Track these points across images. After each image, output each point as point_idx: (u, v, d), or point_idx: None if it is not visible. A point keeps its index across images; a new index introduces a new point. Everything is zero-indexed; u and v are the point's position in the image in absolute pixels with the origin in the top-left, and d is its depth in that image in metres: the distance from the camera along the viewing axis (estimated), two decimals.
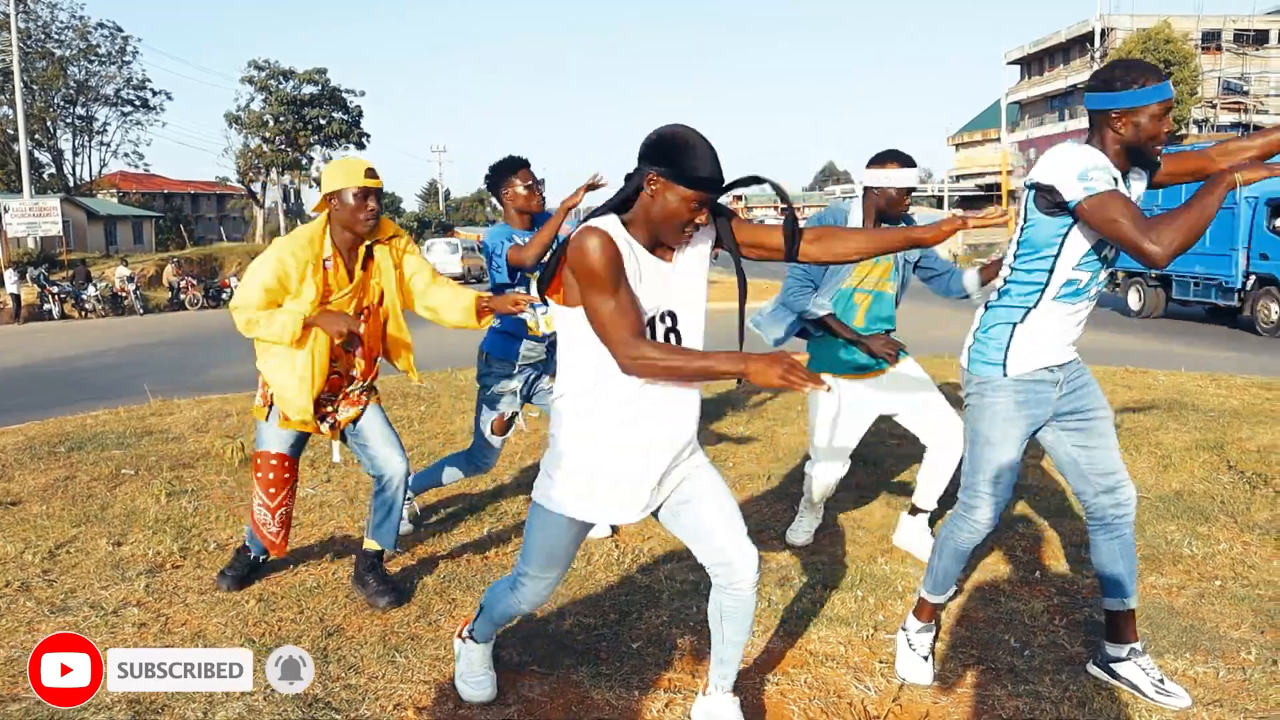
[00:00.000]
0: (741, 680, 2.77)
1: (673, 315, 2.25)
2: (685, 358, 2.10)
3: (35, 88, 38.03)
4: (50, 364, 12.85)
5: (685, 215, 2.14)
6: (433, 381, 8.16)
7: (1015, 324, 2.58)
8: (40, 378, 11.32)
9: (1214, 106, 40.17)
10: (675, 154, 2.11)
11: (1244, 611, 3.17)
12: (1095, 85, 2.46)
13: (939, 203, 54.84)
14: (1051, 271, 2.51)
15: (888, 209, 3.52)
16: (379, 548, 3.43)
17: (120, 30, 44.21)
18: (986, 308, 2.66)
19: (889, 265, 3.65)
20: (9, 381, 10.86)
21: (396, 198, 63.26)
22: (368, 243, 3.21)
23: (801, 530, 4.01)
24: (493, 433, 3.90)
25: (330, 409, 3.30)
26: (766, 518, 4.27)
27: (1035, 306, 2.56)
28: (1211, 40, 40.46)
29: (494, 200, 4.11)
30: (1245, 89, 41.05)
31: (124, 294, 25.77)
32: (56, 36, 39.69)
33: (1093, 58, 40.73)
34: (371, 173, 3.12)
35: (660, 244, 2.21)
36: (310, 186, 49.29)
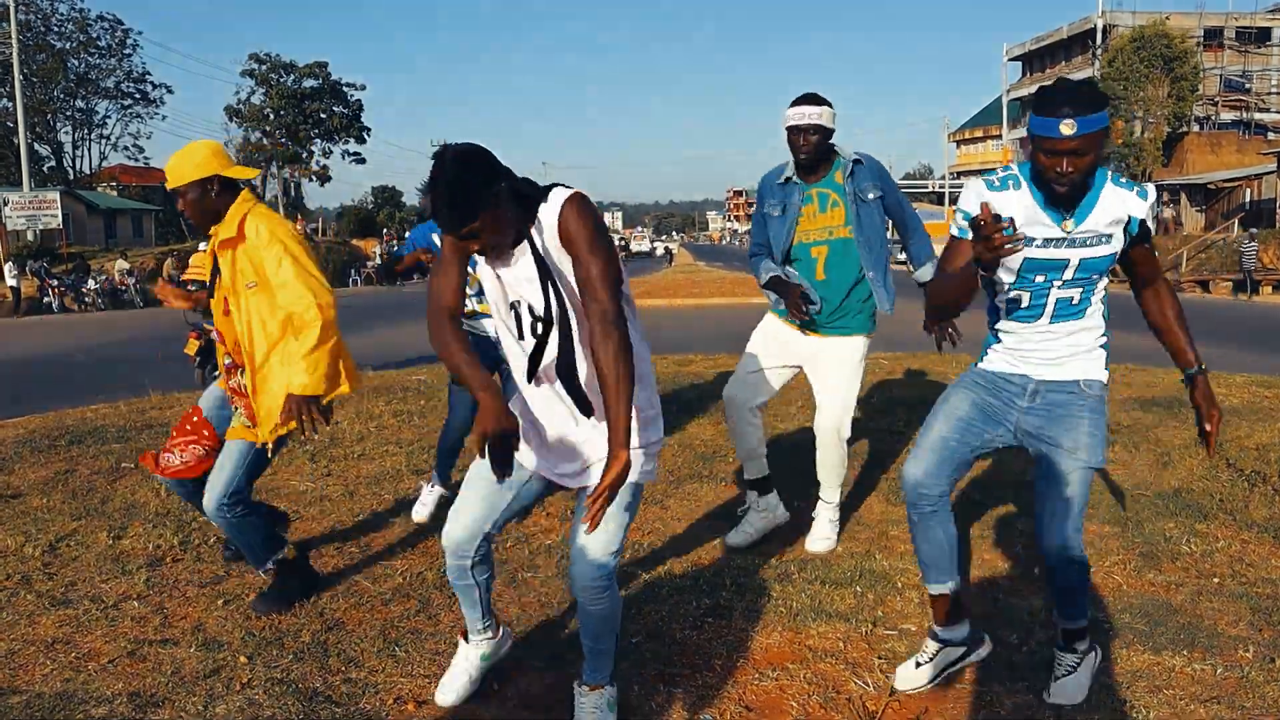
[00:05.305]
0: (739, 675, 2.79)
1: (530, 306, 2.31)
2: (452, 354, 2.25)
3: (35, 80, 37.98)
4: (50, 357, 12.86)
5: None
6: (432, 376, 8.16)
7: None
8: (40, 371, 11.32)
9: (1215, 104, 40.14)
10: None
11: (1242, 609, 3.18)
12: None
13: (939, 199, 54.79)
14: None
15: (795, 150, 3.53)
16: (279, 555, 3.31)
17: (120, 23, 44.15)
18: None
19: (841, 209, 3.54)
20: (8, 375, 10.87)
21: (397, 191, 63.20)
22: (213, 232, 3.09)
23: (740, 531, 3.83)
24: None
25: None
26: None
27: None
28: (1213, 38, 40.39)
29: None
30: (1247, 87, 41.03)
31: (124, 287, 25.80)
32: (56, 29, 39.65)
33: (1094, 55, 40.68)
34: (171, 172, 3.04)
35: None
36: (310, 180, 49.26)
